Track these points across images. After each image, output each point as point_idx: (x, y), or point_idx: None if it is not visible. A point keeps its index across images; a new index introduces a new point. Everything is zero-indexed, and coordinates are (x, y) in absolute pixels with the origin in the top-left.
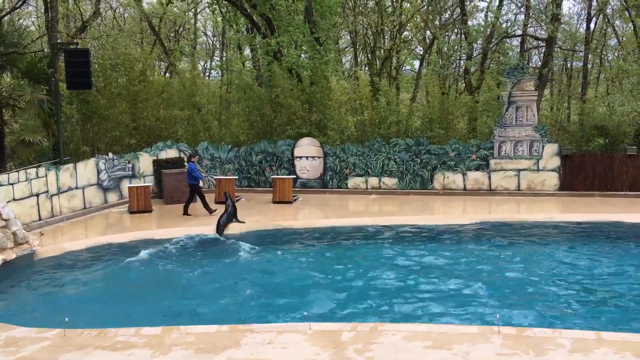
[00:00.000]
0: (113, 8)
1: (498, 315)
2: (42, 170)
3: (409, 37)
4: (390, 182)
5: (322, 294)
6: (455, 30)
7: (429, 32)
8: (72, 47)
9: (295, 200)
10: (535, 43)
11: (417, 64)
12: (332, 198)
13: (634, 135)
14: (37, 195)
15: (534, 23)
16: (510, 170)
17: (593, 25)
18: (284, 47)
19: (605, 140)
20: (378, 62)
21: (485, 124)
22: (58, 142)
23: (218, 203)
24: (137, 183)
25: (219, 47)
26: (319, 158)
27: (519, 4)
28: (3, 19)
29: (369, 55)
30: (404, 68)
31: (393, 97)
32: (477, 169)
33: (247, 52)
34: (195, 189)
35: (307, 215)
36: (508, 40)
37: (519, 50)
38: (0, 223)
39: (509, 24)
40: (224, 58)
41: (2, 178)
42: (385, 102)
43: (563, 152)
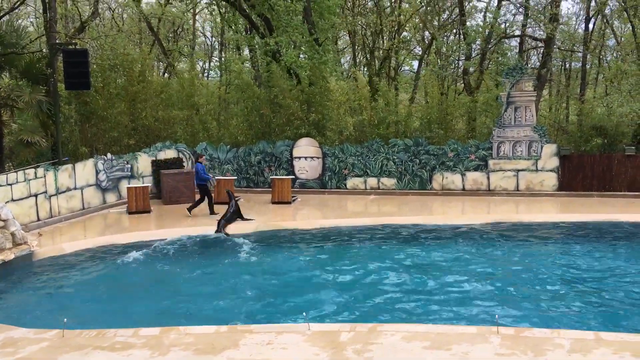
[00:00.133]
0: (112, 9)
1: (497, 316)
2: (40, 171)
3: (408, 37)
4: (389, 182)
5: (321, 294)
6: (454, 31)
7: (428, 32)
8: (70, 47)
9: (294, 201)
10: (534, 43)
11: (415, 65)
12: (331, 198)
13: (633, 136)
14: (35, 196)
15: (533, 23)
16: (509, 171)
17: (592, 26)
18: (283, 46)
19: (604, 141)
20: (377, 62)
21: (484, 125)
22: (57, 142)
23: (216, 204)
24: (135, 183)
25: (218, 47)
26: (318, 158)
27: (518, 5)
28: (1, 19)
29: (368, 56)
30: (403, 68)
31: (392, 97)
32: (475, 170)
33: (245, 52)
34: (205, 190)
35: (306, 216)
36: (507, 41)
37: (518, 51)
38: None
39: (508, 25)
40: (223, 58)
41: (0, 178)
42: (384, 102)
43: (562, 152)
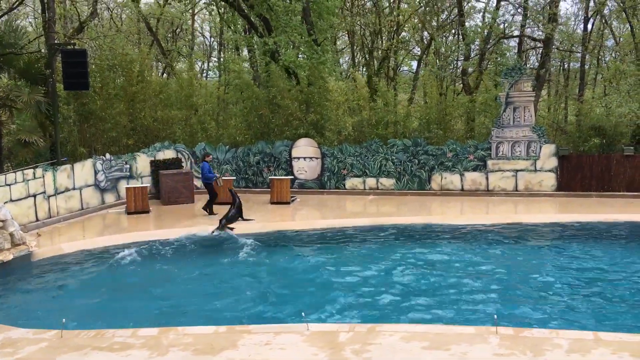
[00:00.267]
0: (110, 9)
1: (496, 316)
2: (39, 171)
3: (407, 37)
4: (388, 182)
5: (321, 294)
6: (453, 31)
7: (427, 32)
8: (69, 47)
9: (293, 201)
10: (533, 44)
11: (414, 65)
12: (329, 199)
13: (631, 136)
14: (34, 196)
15: (532, 24)
16: (508, 171)
17: (590, 26)
18: (282, 46)
19: (603, 141)
20: (375, 62)
21: (483, 125)
22: (55, 142)
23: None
24: (134, 184)
25: (217, 47)
26: (317, 159)
27: (516, 5)
28: (0, 20)
29: (367, 56)
30: (402, 69)
31: (391, 97)
32: (474, 170)
33: (244, 52)
34: (211, 189)
35: (305, 216)
36: (505, 41)
37: (517, 51)
38: None
39: (506, 25)
40: (222, 59)
41: None
42: (383, 102)
43: (560, 152)
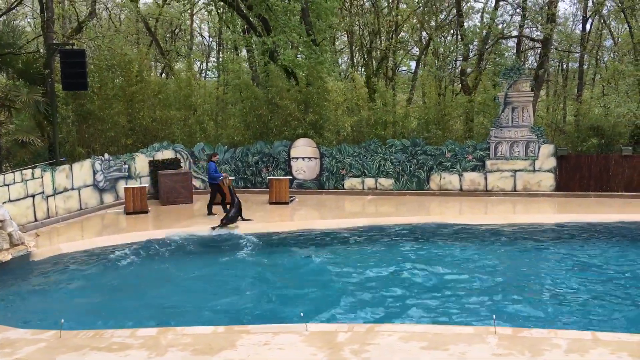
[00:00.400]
0: (109, 9)
1: (494, 316)
2: (37, 171)
3: (405, 37)
4: (387, 182)
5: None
6: (452, 31)
7: (425, 33)
8: (68, 47)
9: (292, 201)
10: (531, 44)
11: (413, 65)
12: (328, 199)
13: (630, 136)
14: (32, 196)
15: (530, 24)
16: (507, 171)
17: (589, 27)
18: (280, 46)
19: (601, 141)
20: (374, 62)
21: (482, 125)
22: (54, 143)
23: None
24: (133, 184)
25: (216, 47)
26: (316, 159)
27: (515, 5)
28: None
29: (365, 56)
30: (401, 69)
31: (389, 97)
32: (473, 170)
33: (243, 53)
34: (216, 188)
35: (303, 216)
36: (504, 41)
37: (515, 51)
38: None
39: (505, 25)
40: (220, 59)
41: None
42: (382, 102)
43: (559, 152)
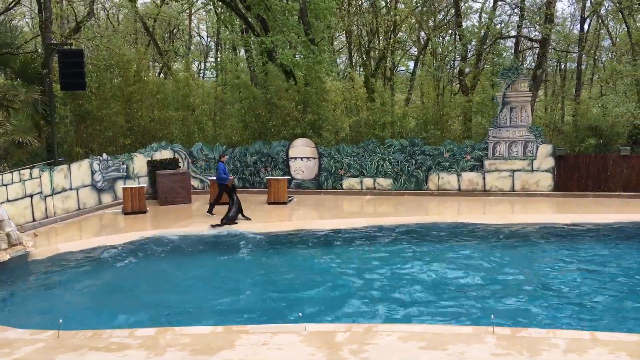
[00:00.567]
0: (106, 9)
1: (493, 316)
2: (36, 172)
3: (404, 37)
4: (385, 182)
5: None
6: (450, 31)
7: (424, 33)
8: (66, 47)
9: (290, 201)
10: (530, 44)
11: (411, 65)
12: (327, 199)
13: (628, 136)
14: (31, 197)
15: (528, 24)
16: (505, 171)
17: (587, 27)
18: (279, 45)
19: (599, 141)
20: (372, 62)
21: (480, 125)
22: (52, 143)
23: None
24: (131, 184)
25: (214, 47)
26: (314, 159)
27: (513, 5)
28: None
29: (364, 56)
30: (399, 69)
31: (388, 98)
32: (471, 170)
33: (241, 52)
34: (224, 189)
35: (302, 216)
36: (502, 42)
37: (513, 51)
38: None
39: (503, 25)
40: (219, 59)
41: None
42: (380, 102)
43: (557, 152)
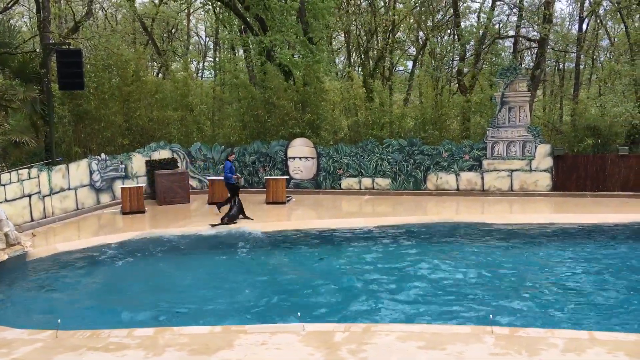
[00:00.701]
0: (104, 8)
1: (491, 315)
2: (34, 171)
3: (402, 37)
4: (384, 182)
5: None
6: (448, 31)
7: (422, 33)
8: (64, 47)
9: (289, 201)
10: (528, 44)
11: (410, 65)
12: (325, 199)
13: (626, 136)
14: (29, 196)
15: (527, 24)
16: (503, 171)
17: (585, 27)
18: (277, 45)
19: (597, 141)
20: (371, 62)
21: (478, 125)
22: (50, 142)
23: (212, 204)
24: (129, 184)
25: (212, 47)
26: (313, 159)
27: (512, 5)
28: None
29: (362, 56)
30: (397, 69)
31: (386, 97)
32: (470, 170)
33: (240, 52)
34: (231, 187)
35: (300, 216)
36: (500, 41)
37: (512, 51)
38: None
39: (502, 25)
40: (217, 58)
41: None
42: (379, 102)
43: (555, 152)
